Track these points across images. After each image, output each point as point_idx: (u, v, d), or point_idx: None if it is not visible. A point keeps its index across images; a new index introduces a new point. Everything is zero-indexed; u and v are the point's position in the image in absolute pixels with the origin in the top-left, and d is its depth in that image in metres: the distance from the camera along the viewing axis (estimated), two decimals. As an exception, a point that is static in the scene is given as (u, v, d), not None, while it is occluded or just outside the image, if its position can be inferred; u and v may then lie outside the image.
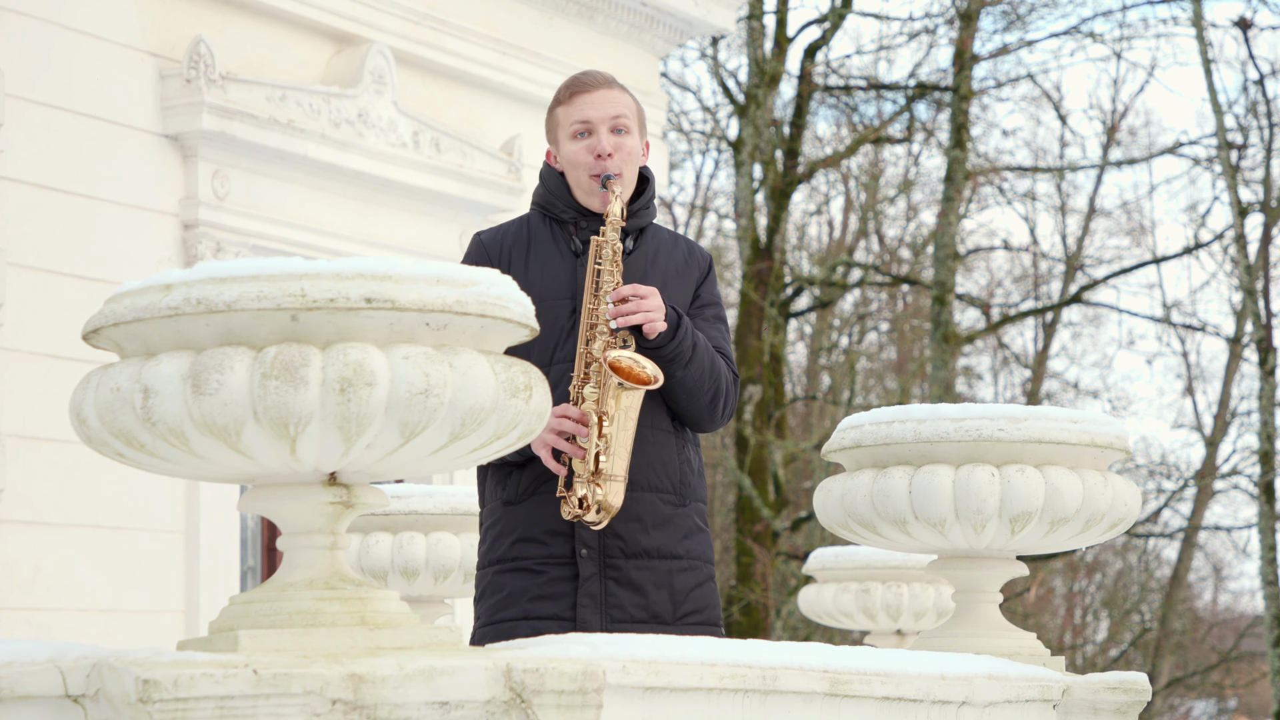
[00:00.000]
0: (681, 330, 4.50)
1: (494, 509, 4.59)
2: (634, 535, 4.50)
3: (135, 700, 2.95)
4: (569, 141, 4.60)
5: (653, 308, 4.46)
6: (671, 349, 4.49)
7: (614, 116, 4.58)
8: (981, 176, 20.99)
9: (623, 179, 4.57)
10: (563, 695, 3.24)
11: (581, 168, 4.58)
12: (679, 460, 4.58)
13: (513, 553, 4.52)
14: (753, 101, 19.26)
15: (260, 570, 9.62)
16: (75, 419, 3.28)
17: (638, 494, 4.51)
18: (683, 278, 4.66)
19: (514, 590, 4.51)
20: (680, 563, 4.55)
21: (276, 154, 9.39)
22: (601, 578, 4.49)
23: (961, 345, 20.20)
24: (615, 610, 4.47)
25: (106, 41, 8.84)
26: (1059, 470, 4.59)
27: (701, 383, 4.54)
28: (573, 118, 4.59)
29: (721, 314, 4.71)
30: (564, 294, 4.56)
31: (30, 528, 8.35)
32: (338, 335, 3.14)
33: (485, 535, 4.62)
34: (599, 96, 4.59)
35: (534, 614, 4.47)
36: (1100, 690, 4.59)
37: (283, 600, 3.28)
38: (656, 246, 4.67)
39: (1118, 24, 21.04)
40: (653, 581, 4.51)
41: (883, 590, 7.81)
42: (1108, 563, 26.51)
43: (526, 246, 4.63)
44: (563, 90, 4.64)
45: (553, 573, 4.49)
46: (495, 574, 4.55)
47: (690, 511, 4.59)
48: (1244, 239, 18.82)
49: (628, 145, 4.59)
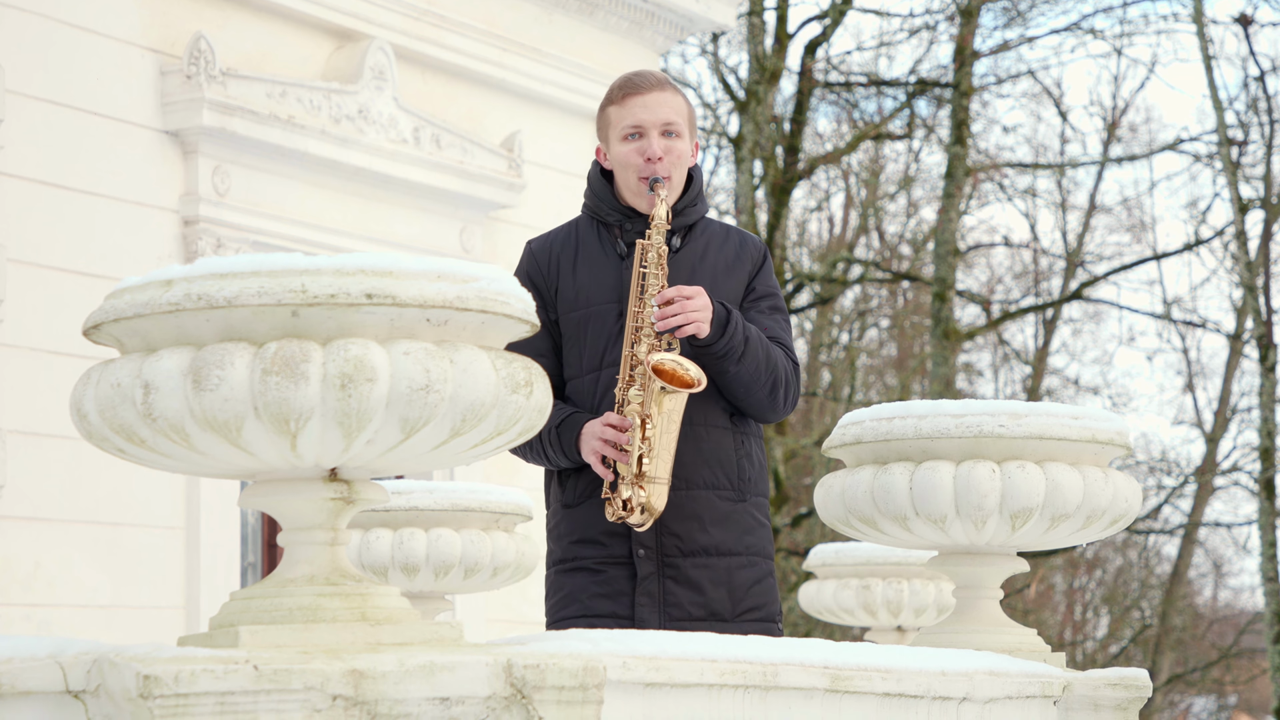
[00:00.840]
0: (731, 327, 4.50)
1: (555, 511, 4.64)
2: (691, 533, 4.51)
3: (136, 696, 2.95)
4: (620, 143, 4.62)
5: (698, 308, 4.46)
6: (721, 346, 4.50)
7: (665, 121, 4.60)
8: (982, 173, 21.00)
9: (670, 182, 4.59)
10: (563, 691, 3.25)
11: (631, 169, 4.59)
12: (736, 456, 4.59)
13: (572, 553, 4.57)
14: (753, 98, 19.25)
15: (261, 566, 9.63)
16: (76, 415, 3.28)
17: (694, 492, 4.53)
18: (734, 272, 4.66)
19: (573, 589, 4.55)
20: (739, 559, 4.56)
21: (277, 150, 9.38)
22: (659, 576, 4.50)
23: (962, 341, 20.20)
24: (674, 609, 4.49)
25: (107, 37, 8.83)
26: (1060, 466, 4.58)
27: (758, 376, 4.54)
28: (625, 120, 4.61)
29: (779, 304, 4.71)
30: (611, 298, 4.58)
31: (31, 523, 8.35)
32: (338, 331, 3.14)
33: (549, 537, 4.67)
34: (652, 100, 4.61)
35: (594, 611, 4.50)
36: (1101, 686, 4.59)
37: (283, 596, 3.28)
38: (706, 242, 4.67)
39: (1118, 20, 21.04)
40: (710, 579, 4.53)
41: (883, 586, 7.81)
42: (1108, 559, 26.52)
43: (575, 251, 4.65)
44: (615, 90, 4.65)
45: (611, 572, 4.52)
46: (557, 574, 4.61)
47: (749, 507, 4.60)
48: (1244, 235, 18.82)
49: (678, 149, 4.61)
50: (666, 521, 4.50)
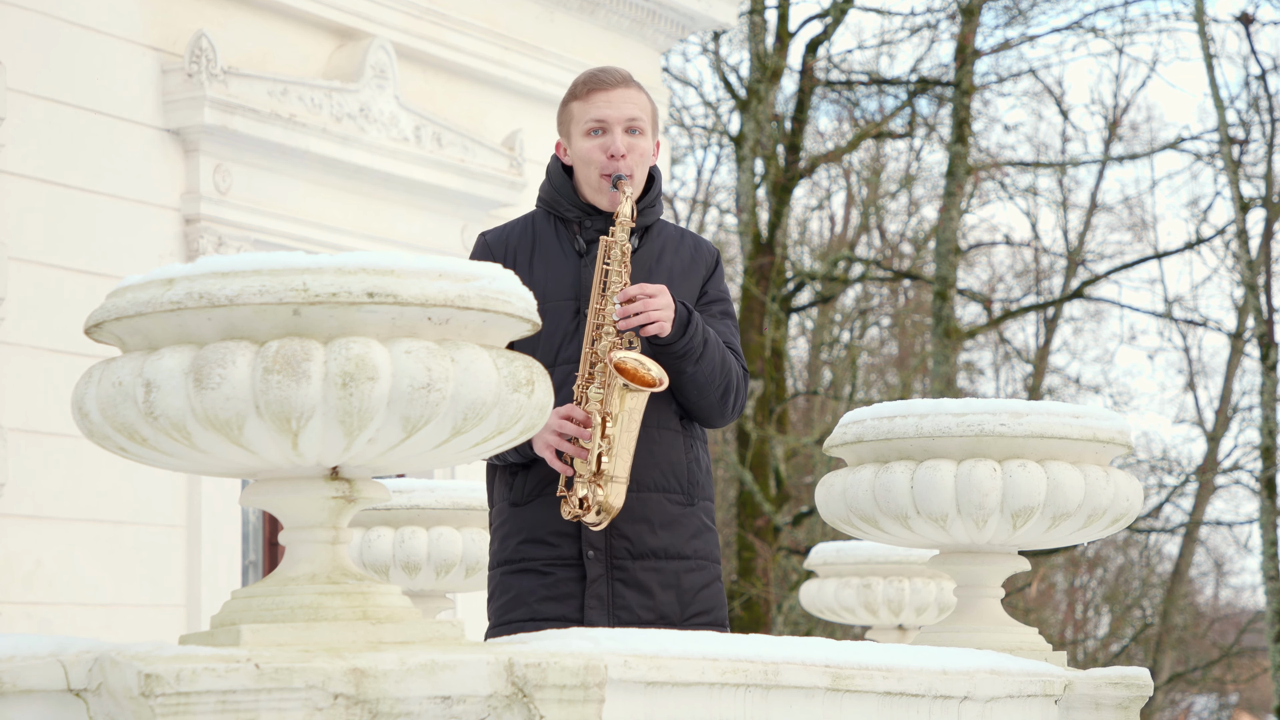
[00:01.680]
0: (692, 327, 4.47)
1: (501, 509, 4.58)
2: (641, 536, 4.48)
3: (137, 694, 2.95)
4: (582, 138, 4.58)
5: (660, 307, 4.43)
6: (681, 346, 4.47)
7: (629, 118, 4.56)
8: (983, 171, 20.99)
9: (634, 180, 4.56)
10: (564, 690, 3.24)
11: (594, 165, 4.56)
12: (687, 460, 4.56)
13: (519, 554, 4.51)
14: (754, 96, 19.25)
15: (262, 565, 9.63)
16: (77, 413, 3.28)
17: (645, 494, 4.50)
18: (689, 275, 4.63)
19: (521, 591, 4.49)
20: (688, 563, 4.54)
21: (278, 149, 9.38)
22: (609, 579, 4.47)
23: (963, 340, 20.19)
24: (623, 612, 4.46)
25: (108, 36, 8.83)
26: (1061, 465, 4.58)
27: (713, 379, 4.52)
28: (588, 115, 4.57)
29: (729, 310, 4.69)
30: (568, 295, 4.54)
31: (32, 522, 8.35)
32: (340, 330, 3.14)
33: (494, 536, 4.60)
34: (616, 96, 4.57)
35: (541, 615, 4.45)
36: (1102, 685, 4.59)
37: (284, 595, 3.28)
38: (662, 244, 4.64)
39: (1119, 19, 21.03)
40: (660, 582, 4.50)
41: (884, 585, 7.81)
42: (1109, 558, 26.51)
43: (531, 246, 4.60)
44: (580, 85, 4.61)
45: (560, 574, 4.47)
46: (503, 575, 4.54)
47: (698, 510, 4.57)
48: (1245, 234, 18.81)
49: (640, 146, 4.58)
50: (616, 523, 4.46)
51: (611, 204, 4.55)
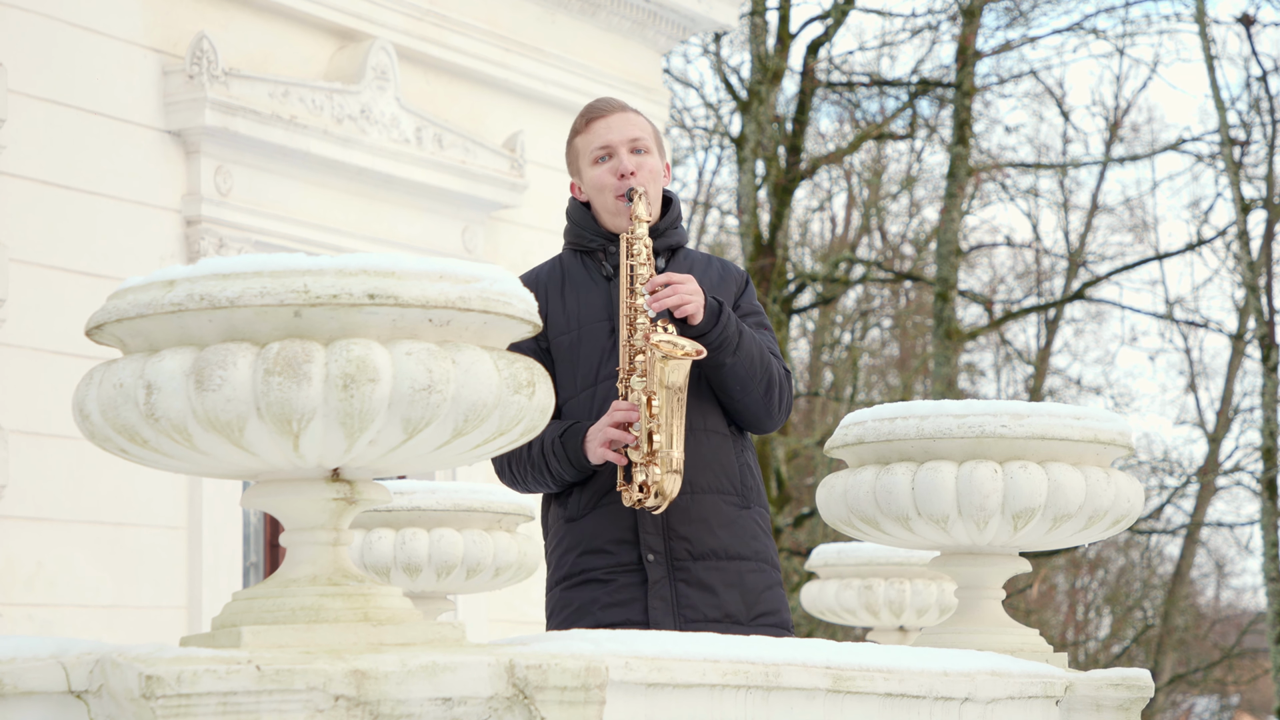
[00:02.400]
0: (724, 315, 4.48)
1: (557, 529, 4.59)
2: (700, 536, 4.49)
3: (138, 696, 2.95)
4: (591, 168, 4.60)
5: (690, 291, 4.44)
6: (716, 335, 4.47)
7: (632, 138, 4.60)
8: (984, 173, 21.00)
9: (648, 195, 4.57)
10: (565, 691, 3.24)
11: (607, 190, 4.58)
12: (738, 463, 4.58)
13: (579, 566, 4.52)
14: (755, 98, 19.25)
15: (263, 566, 9.63)
16: (78, 415, 3.28)
17: (699, 495, 4.51)
18: (720, 291, 4.64)
19: (583, 603, 4.50)
20: (749, 563, 4.54)
21: (279, 150, 9.39)
22: (670, 580, 4.48)
23: (964, 341, 20.20)
24: (688, 610, 4.47)
25: (109, 37, 8.84)
26: (1062, 467, 4.58)
27: (753, 371, 4.52)
28: (592, 145, 4.61)
29: (765, 322, 4.69)
30: (601, 317, 4.57)
31: (33, 523, 8.35)
32: (341, 331, 3.14)
33: (551, 556, 4.61)
34: (615, 120, 4.61)
35: (606, 622, 4.46)
36: (1103, 687, 4.58)
37: (285, 596, 3.28)
38: (689, 266, 4.66)
39: (1120, 20, 21.04)
40: (723, 581, 4.51)
41: (885, 586, 7.81)
42: (1110, 559, 26.52)
43: (561, 281, 4.64)
44: (579, 121, 4.65)
45: (621, 580, 4.48)
46: (562, 591, 4.55)
47: (754, 515, 4.59)
48: (1246, 235, 18.82)
49: (649, 164, 4.60)
50: (674, 525, 4.48)
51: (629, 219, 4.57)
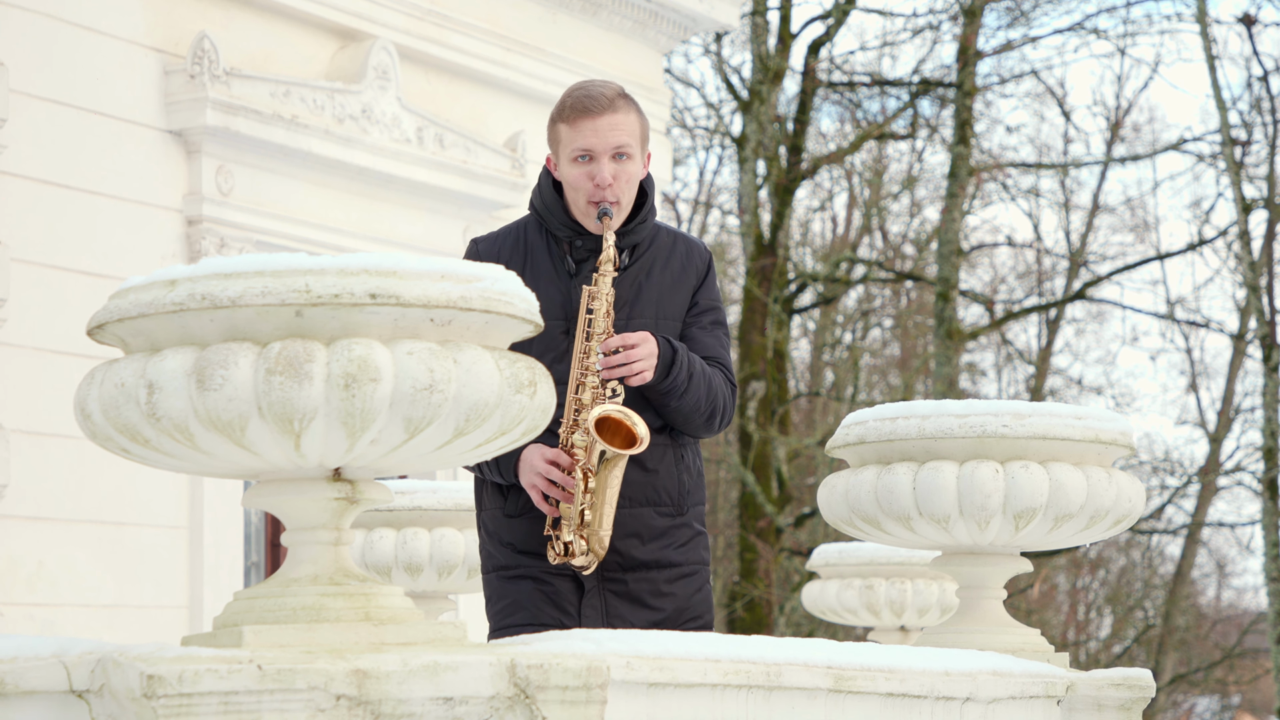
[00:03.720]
0: (675, 368, 4.48)
1: (495, 516, 4.60)
2: (631, 550, 4.53)
3: (140, 695, 2.95)
4: (569, 164, 4.54)
5: (643, 356, 4.43)
6: (665, 386, 4.49)
7: (616, 146, 4.51)
8: (985, 173, 20.99)
9: (620, 206, 4.53)
10: (567, 691, 3.24)
11: (581, 192, 4.53)
12: (678, 471, 4.58)
13: (516, 561, 4.56)
14: (756, 97, 19.25)
15: (264, 566, 9.63)
16: (80, 414, 3.28)
17: (635, 509, 4.53)
18: (679, 288, 4.62)
19: (519, 596, 4.54)
20: (678, 569, 4.57)
21: (280, 150, 9.38)
22: (601, 591, 4.53)
23: (965, 341, 20.19)
24: (617, 620, 4.52)
25: (110, 37, 8.84)
26: (1063, 466, 4.58)
27: (698, 407, 4.55)
28: (575, 142, 4.52)
29: (720, 318, 4.68)
30: (557, 314, 4.52)
31: (34, 523, 8.35)
32: (342, 331, 3.14)
33: (488, 540, 4.62)
34: (603, 124, 4.51)
35: (540, 620, 4.51)
36: (1104, 686, 4.59)
37: (287, 596, 3.28)
38: (653, 258, 4.62)
39: (1122, 20, 21.04)
40: (652, 591, 4.54)
41: (886, 586, 7.81)
42: (1111, 559, 26.51)
43: (523, 260, 4.59)
44: (567, 109, 4.55)
45: (557, 585, 4.53)
46: (500, 580, 4.58)
47: (689, 518, 4.60)
48: (1248, 235, 18.81)
49: (628, 171, 4.53)
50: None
51: (598, 230, 4.53)
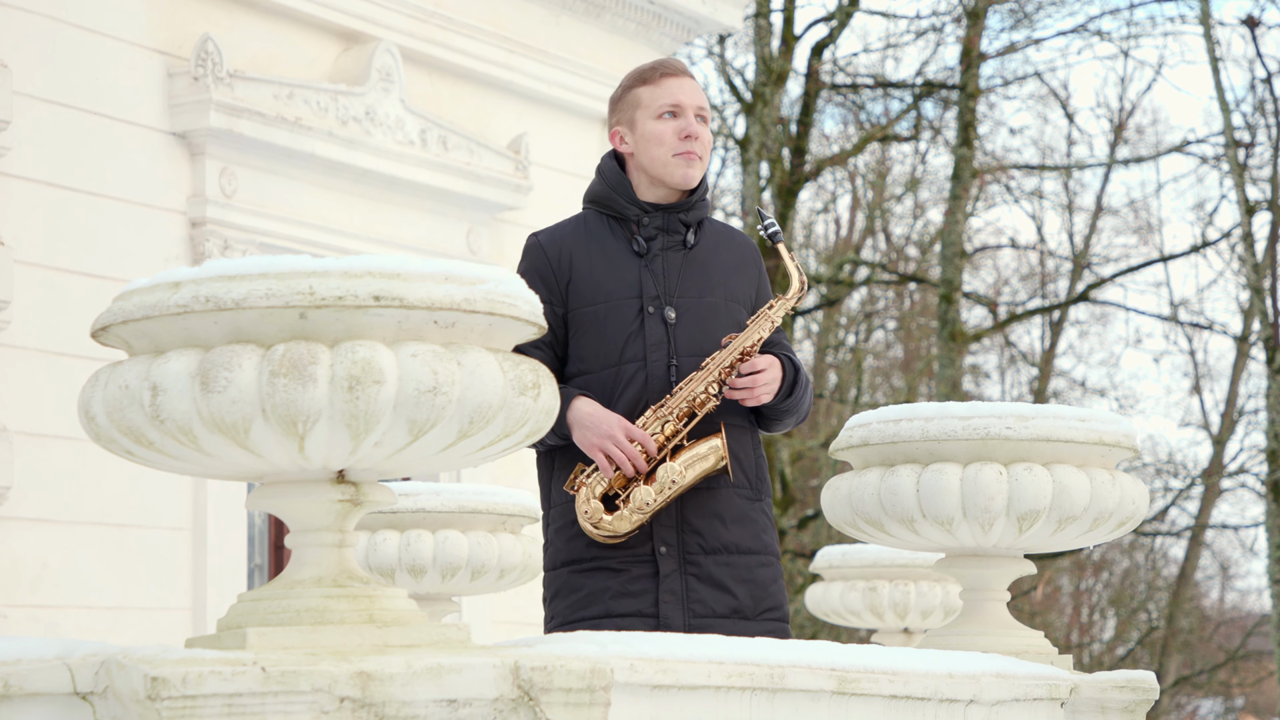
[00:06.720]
0: (797, 390, 4.59)
1: (564, 510, 4.58)
2: (713, 531, 4.52)
3: (144, 697, 2.95)
4: (654, 121, 4.60)
5: (766, 382, 4.53)
6: (784, 406, 4.60)
7: (700, 106, 4.62)
8: (988, 175, 21.00)
9: (703, 162, 4.62)
10: (570, 693, 3.24)
11: (666, 146, 4.58)
12: (755, 455, 4.63)
13: (590, 552, 4.52)
14: (760, 100, 19.25)
15: (268, 568, 9.63)
16: (83, 416, 3.28)
17: (716, 489, 4.54)
18: (742, 273, 4.69)
19: (593, 590, 4.50)
20: (759, 557, 4.58)
21: (284, 152, 9.39)
22: (682, 574, 4.50)
23: (968, 343, 20.19)
24: (697, 605, 4.49)
25: (113, 39, 8.84)
26: (1067, 469, 4.58)
27: (797, 415, 4.66)
28: (661, 99, 4.59)
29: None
30: (631, 293, 4.56)
31: (37, 525, 8.35)
32: (346, 333, 3.14)
33: (556, 535, 4.60)
34: (688, 84, 4.62)
35: (616, 611, 4.47)
36: (1108, 689, 4.58)
37: (290, 598, 3.28)
38: (715, 241, 4.69)
39: (1125, 22, 21.03)
40: (733, 576, 4.54)
41: (890, 588, 7.81)
42: (1115, 561, 26.51)
43: (587, 245, 4.62)
44: (648, 71, 4.64)
45: (634, 571, 4.49)
46: (571, 574, 4.54)
47: (764, 507, 4.63)
48: (1251, 237, 18.82)
49: (707, 136, 4.63)
50: (688, 519, 4.51)
51: (684, 181, 4.59)
